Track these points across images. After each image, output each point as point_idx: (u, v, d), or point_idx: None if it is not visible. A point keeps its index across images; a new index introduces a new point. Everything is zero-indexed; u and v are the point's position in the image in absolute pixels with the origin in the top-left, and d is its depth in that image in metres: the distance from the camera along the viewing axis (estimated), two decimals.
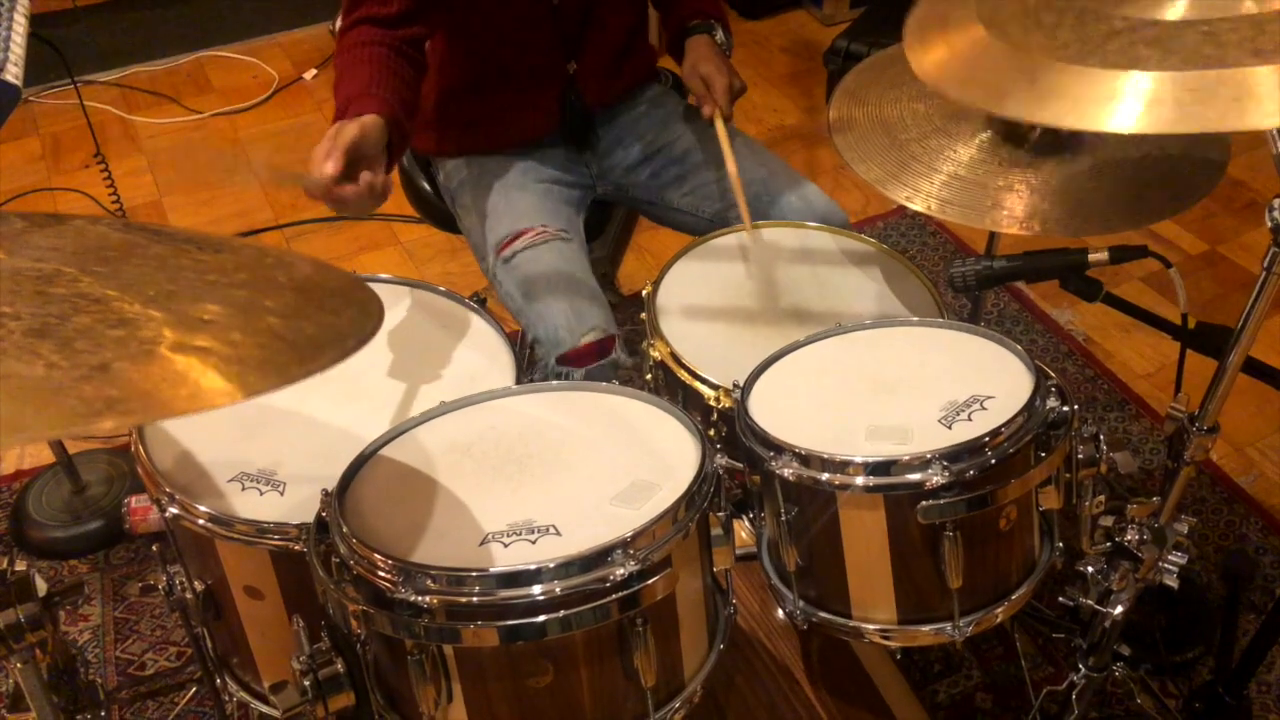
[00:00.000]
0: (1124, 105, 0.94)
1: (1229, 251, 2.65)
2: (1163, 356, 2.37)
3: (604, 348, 1.55)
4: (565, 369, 1.54)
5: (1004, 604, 1.15)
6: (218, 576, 1.28)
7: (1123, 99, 0.95)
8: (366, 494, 1.10)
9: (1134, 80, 0.95)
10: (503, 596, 0.95)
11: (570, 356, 1.54)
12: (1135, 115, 0.94)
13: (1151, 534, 1.29)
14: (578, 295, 1.59)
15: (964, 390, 1.15)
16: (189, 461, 1.28)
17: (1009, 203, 1.32)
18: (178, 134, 3.25)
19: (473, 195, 1.76)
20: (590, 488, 1.07)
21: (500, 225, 1.68)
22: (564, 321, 1.55)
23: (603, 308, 1.60)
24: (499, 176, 1.75)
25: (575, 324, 1.55)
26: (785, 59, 3.53)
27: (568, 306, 1.57)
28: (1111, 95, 0.96)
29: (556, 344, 1.55)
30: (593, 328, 1.55)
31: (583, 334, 1.54)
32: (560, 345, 1.54)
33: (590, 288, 1.63)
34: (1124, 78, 0.96)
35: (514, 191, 1.73)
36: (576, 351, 1.54)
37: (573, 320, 1.55)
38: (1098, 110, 0.96)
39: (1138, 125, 0.94)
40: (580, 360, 1.54)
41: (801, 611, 1.18)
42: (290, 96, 3.39)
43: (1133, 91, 0.95)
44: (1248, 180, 2.84)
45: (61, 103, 3.25)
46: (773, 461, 1.11)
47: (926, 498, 1.06)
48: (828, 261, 1.61)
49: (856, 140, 1.42)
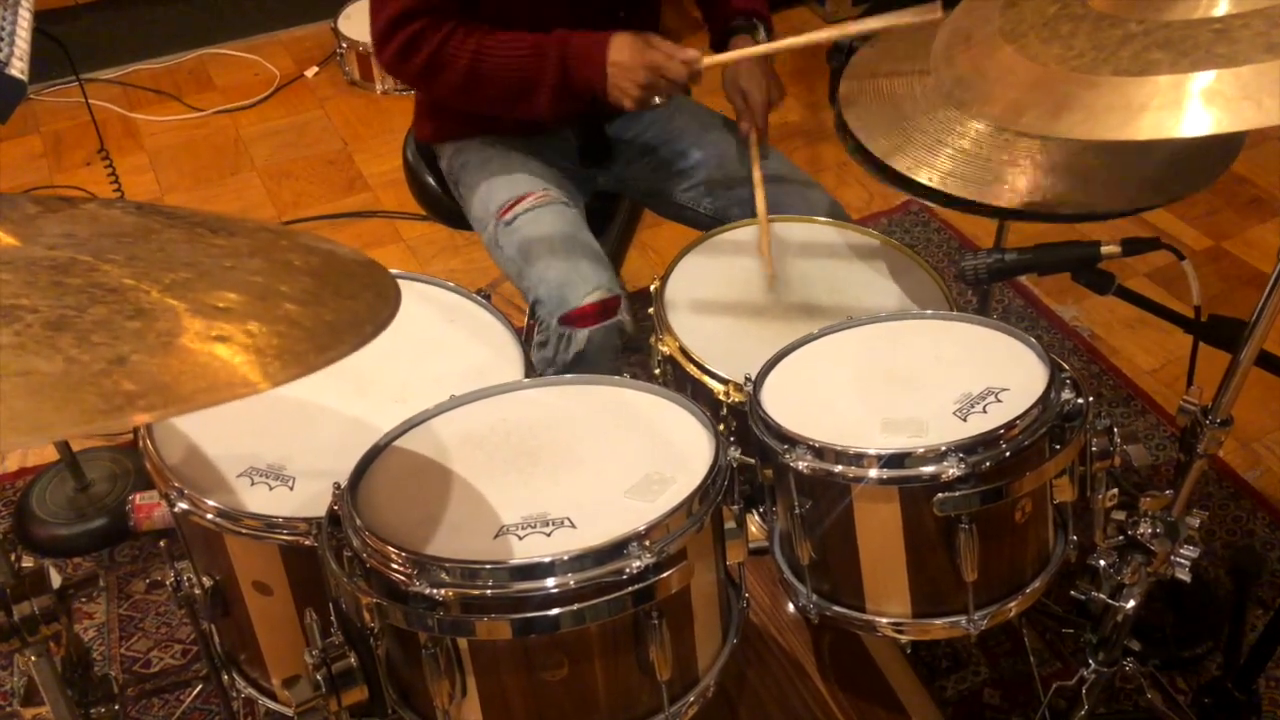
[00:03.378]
0: (1136, 113, 0.94)
1: (1233, 247, 2.64)
2: (1168, 352, 2.37)
3: (608, 308, 1.52)
4: (568, 330, 1.50)
5: (1018, 597, 1.15)
6: (226, 572, 1.27)
7: (1135, 107, 0.94)
8: (379, 487, 1.10)
9: (1146, 86, 0.95)
10: (517, 589, 0.95)
11: (574, 316, 1.50)
12: (1148, 122, 0.93)
13: (1164, 527, 1.28)
14: (581, 256, 1.56)
15: (979, 382, 1.14)
16: (197, 456, 1.28)
17: (1012, 177, 1.31)
18: (179, 131, 3.25)
19: (474, 173, 1.75)
20: (604, 480, 1.07)
21: (501, 191, 1.67)
22: (567, 280, 1.52)
23: (606, 269, 1.57)
24: (501, 154, 1.74)
25: (579, 282, 1.52)
26: (788, 56, 3.52)
27: (570, 266, 1.54)
28: (1125, 104, 0.95)
29: (560, 303, 1.51)
30: (596, 286, 1.52)
31: (586, 293, 1.51)
32: (564, 304, 1.51)
33: (594, 249, 1.60)
34: (1136, 84, 0.95)
35: (516, 163, 1.72)
36: (581, 311, 1.50)
37: (575, 279, 1.52)
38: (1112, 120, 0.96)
39: (1151, 132, 0.94)
40: (584, 320, 1.50)
41: (815, 605, 1.18)
42: (292, 94, 3.38)
43: (1145, 99, 0.94)
44: (1252, 176, 2.84)
45: (63, 100, 3.24)
46: (786, 455, 1.11)
47: (942, 490, 1.05)
48: (836, 255, 1.60)
49: (864, 113, 1.42)
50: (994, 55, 1.09)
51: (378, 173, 3.03)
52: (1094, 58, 0.99)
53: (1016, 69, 1.05)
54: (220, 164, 3.12)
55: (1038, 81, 1.02)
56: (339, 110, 3.30)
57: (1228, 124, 0.88)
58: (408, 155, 2.00)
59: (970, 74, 1.10)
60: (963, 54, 1.14)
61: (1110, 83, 0.96)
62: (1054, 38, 1.05)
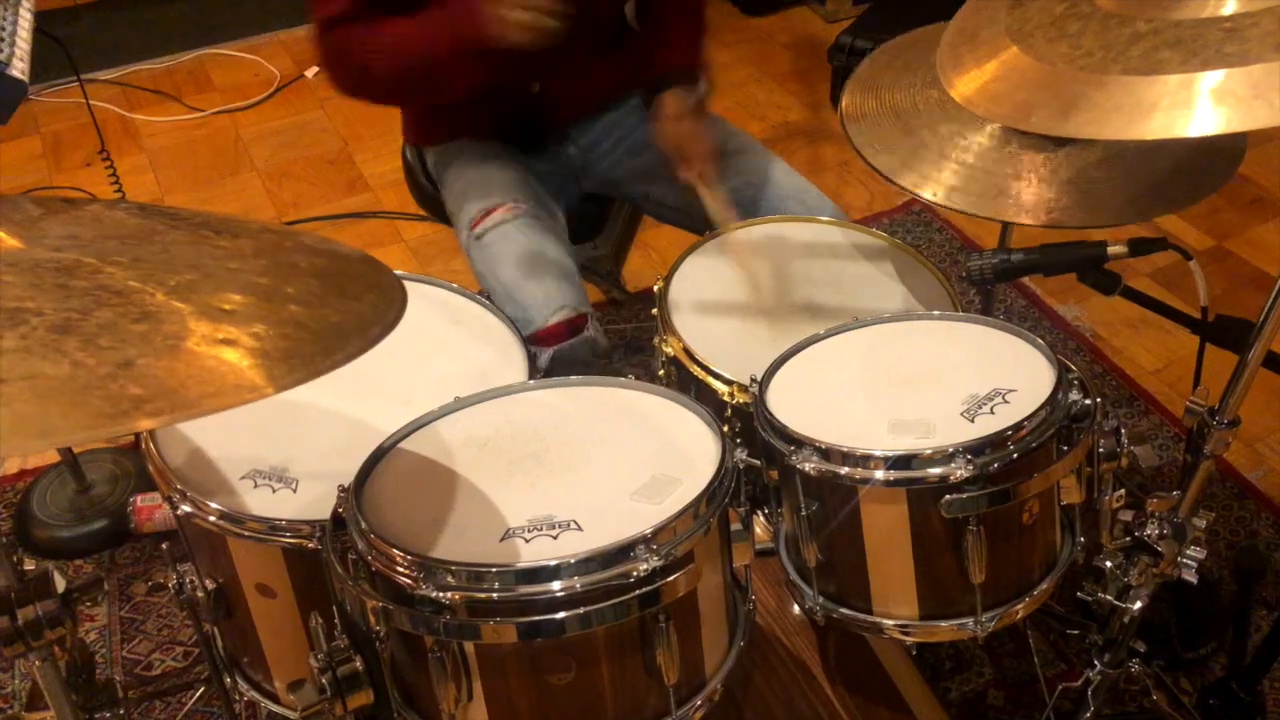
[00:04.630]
0: (1145, 113, 0.93)
1: (1236, 247, 2.64)
2: (1171, 352, 2.36)
3: (575, 326, 1.54)
4: (535, 348, 1.51)
5: (1026, 599, 1.14)
6: (229, 575, 1.26)
7: (1144, 107, 0.94)
8: (384, 489, 1.09)
9: (1155, 86, 0.94)
10: (524, 593, 0.94)
11: (539, 336, 1.52)
12: (1157, 122, 0.93)
13: (1171, 529, 1.28)
14: (547, 274, 1.57)
15: (985, 384, 1.14)
16: (200, 459, 1.27)
17: (1017, 191, 1.31)
18: (179, 132, 3.24)
19: (454, 174, 1.76)
20: (610, 482, 1.06)
21: (474, 202, 1.67)
22: (532, 301, 1.54)
23: (574, 286, 1.58)
24: (479, 154, 1.74)
25: (543, 303, 1.53)
26: (788, 55, 3.52)
27: (536, 286, 1.55)
28: (1134, 103, 0.94)
29: (526, 323, 1.53)
30: (561, 306, 1.53)
31: (551, 313, 1.52)
32: (530, 325, 1.52)
33: (562, 266, 1.60)
34: (1145, 84, 0.95)
35: (491, 167, 1.72)
36: (546, 331, 1.52)
37: (540, 300, 1.54)
38: (1119, 120, 0.95)
39: (1160, 131, 0.93)
40: (549, 340, 1.52)
41: (821, 607, 1.17)
42: (292, 94, 3.38)
43: (1154, 98, 0.94)
44: (1254, 176, 2.83)
45: (62, 101, 3.23)
46: (793, 456, 1.10)
47: (950, 492, 1.05)
48: (840, 256, 1.60)
49: (868, 128, 1.41)
50: (1000, 55, 1.08)
51: (378, 173, 3.02)
52: (1102, 57, 0.98)
53: (1024, 68, 1.04)
54: (220, 164, 3.11)
55: (1045, 81, 1.01)
56: (339, 110, 3.29)
57: (1238, 123, 0.88)
58: (406, 155, 2.00)
59: (977, 75, 1.09)
60: (969, 54, 1.13)
61: (1119, 82, 0.95)
62: (1061, 36, 1.04)
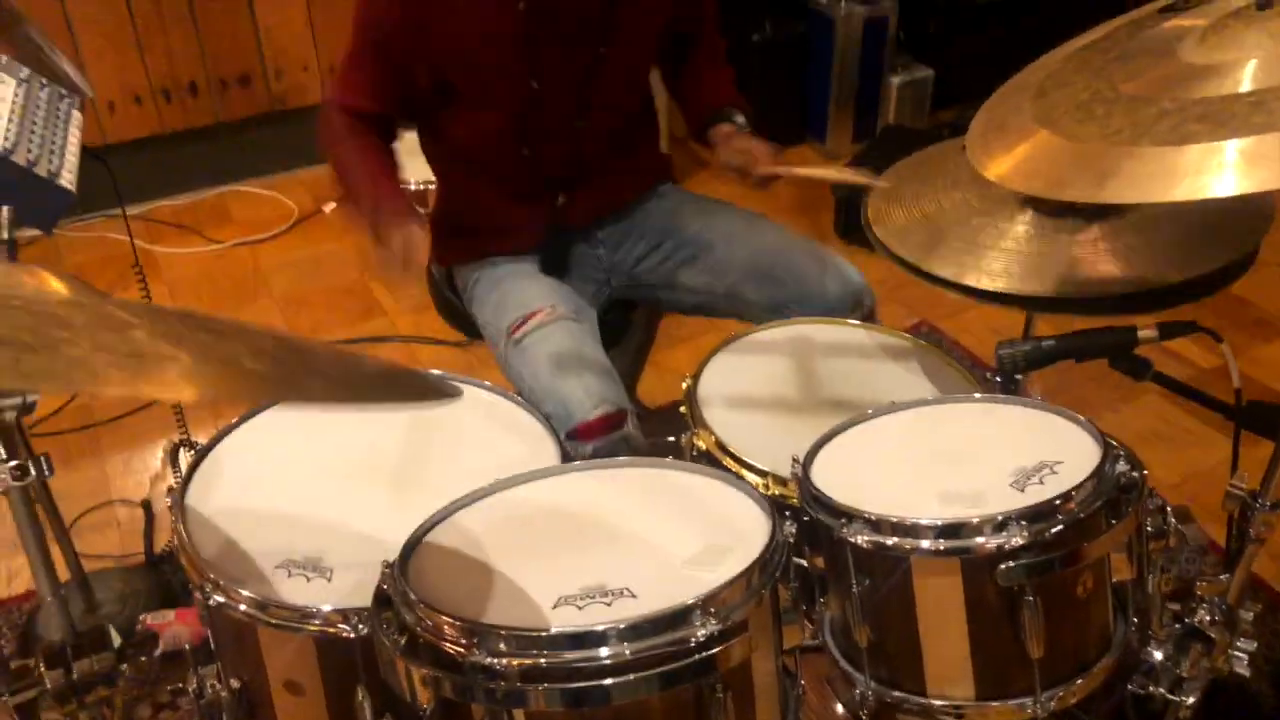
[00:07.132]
0: (1179, 178, 0.97)
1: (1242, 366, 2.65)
2: (1186, 466, 2.35)
3: (613, 422, 1.54)
4: (574, 444, 1.52)
5: (1084, 676, 1.11)
6: (256, 672, 1.23)
7: (1179, 174, 0.97)
8: (429, 566, 1.07)
9: (1187, 153, 0.98)
10: (571, 658, 0.92)
11: (580, 430, 1.52)
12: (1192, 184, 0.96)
13: (1222, 615, 1.26)
14: (587, 370, 1.59)
15: (1032, 457, 1.14)
16: (233, 550, 1.25)
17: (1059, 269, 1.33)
18: (198, 262, 3.30)
19: (485, 290, 1.80)
20: (662, 551, 1.05)
21: (511, 310, 1.71)
22: (573, 396, 1.55)
23: (615, 383, 1.60)
24: (510, 272, 1.79)
25: (584, 399, 1.54)
26: (791, 191, 3.63)
27: (576, 382, 1.57)
28: (1168, 170, 0.98)
29: (567, 418, 1.53)
30: (602, 400, 1.54)
31: (592, 407, 1.53)
32: (570, 420, 1.53)
33: (602, 364, 1.63)
34: (1177, 152, 0.99)
35: (525, 280, 1.77)
36: (587, 425, 1.52)
37: (582, 395, 1.55)
38: (1156, 184, 0.99)
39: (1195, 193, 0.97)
40: (590, 434, 1.52)
41: (874, 692, 1.14)
42: (310, 227, 3.46)
43: (1187, 164, 0.98)
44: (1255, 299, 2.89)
45: (85, 235, 3.30)
46: (843, 529, 1.09)
47: (1005, 559, 1.03)
48: (865, 355, 1.62)
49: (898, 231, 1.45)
50: (1031, 138, 1.13)
51: (394, 301, 3.07)
52: (1133, 132, 1.03)
53: (1055, 148, 1.09)
54: (238, 293, 3.16)
55: (1079, 156, 1.05)
56: (357, 243, 3.37)
57: (1273, 181, 0.91)
58: (433, 274, 2.03)
59: (1010, 158, 1.14)
60: (998, 141, 1.18)
61: (1151, 152, 0.99)
62: (1089, 119, 1.09)
